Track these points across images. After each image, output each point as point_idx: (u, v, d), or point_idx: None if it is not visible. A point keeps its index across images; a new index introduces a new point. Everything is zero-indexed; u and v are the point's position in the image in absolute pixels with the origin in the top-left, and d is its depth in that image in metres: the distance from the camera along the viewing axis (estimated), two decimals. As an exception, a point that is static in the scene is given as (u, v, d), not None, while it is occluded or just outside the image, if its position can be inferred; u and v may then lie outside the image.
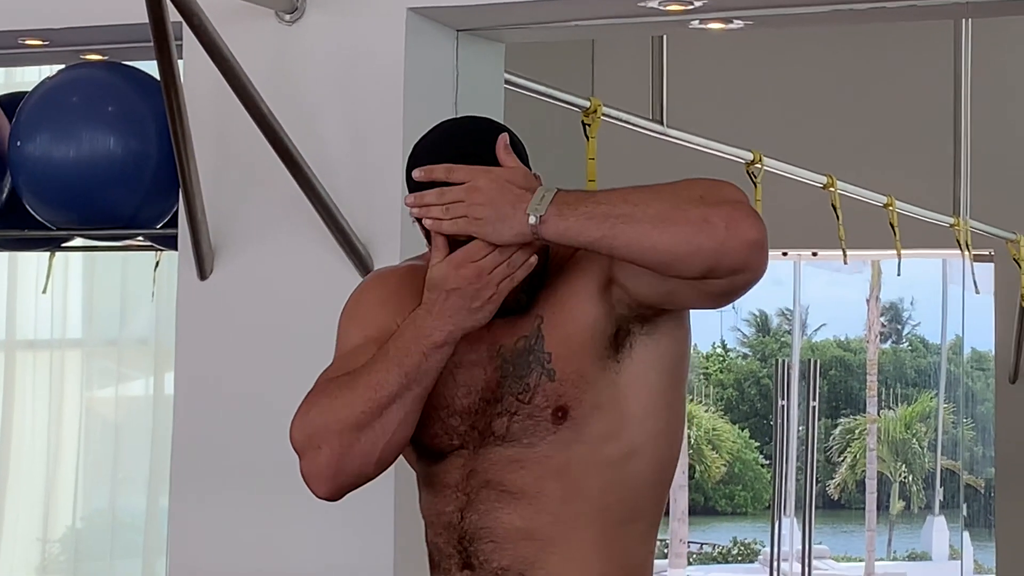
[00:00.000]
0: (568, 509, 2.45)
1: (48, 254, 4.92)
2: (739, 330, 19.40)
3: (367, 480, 2.49)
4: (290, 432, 2.52)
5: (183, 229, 3.70)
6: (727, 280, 2.34)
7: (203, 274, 3.73)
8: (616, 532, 2.48)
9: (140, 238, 4.23)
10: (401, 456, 2.53)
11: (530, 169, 2.48)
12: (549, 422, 2.43)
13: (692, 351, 2.63)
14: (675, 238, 2.30)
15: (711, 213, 2.30)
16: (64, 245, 4.59)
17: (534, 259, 2.38)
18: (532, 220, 2.31)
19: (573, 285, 2.45)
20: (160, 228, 4.03)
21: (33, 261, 7.42)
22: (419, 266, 2.59)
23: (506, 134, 2.42)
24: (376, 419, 2.42)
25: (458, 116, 2.62)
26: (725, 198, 2.34)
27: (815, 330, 16.56)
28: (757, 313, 19.07)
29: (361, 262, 3.59)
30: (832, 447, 17.00)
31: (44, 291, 6.72)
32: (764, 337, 18.95)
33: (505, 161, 2.39)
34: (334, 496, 2.51)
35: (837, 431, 17.00)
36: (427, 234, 2.45)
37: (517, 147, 2.49)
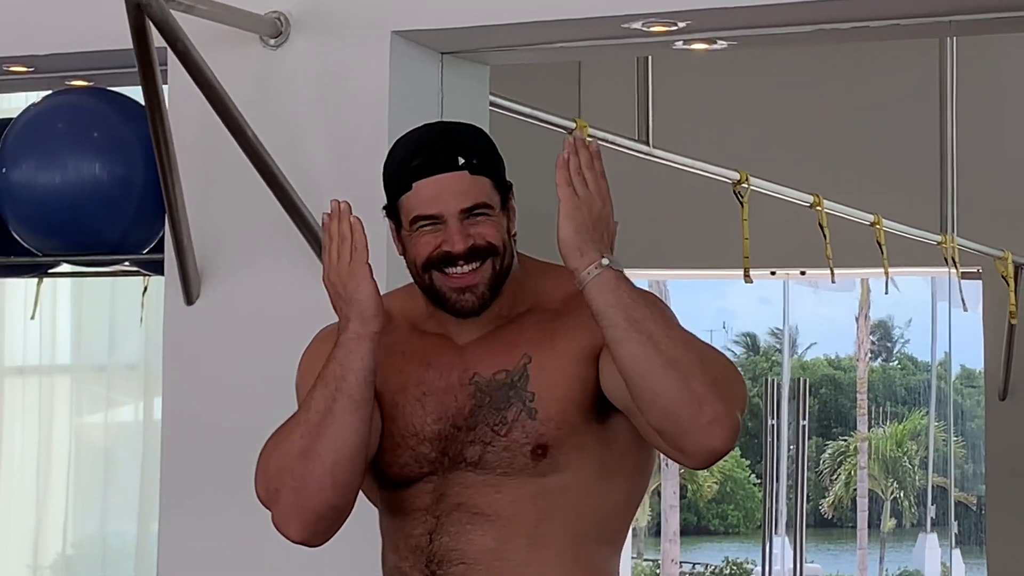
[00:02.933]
0: (542, 531, 2.46)
1: (36, 280, 4.91)
2: (729, 350, 19.41)
3: (335, 511, 2.48)
4: (255, 490, 2.53)
5: (169, 254, 3.70)
6: (667, 448, 2.39)
7: (190, 299, 3.73)
8: (588, 551, 2.49)
9: (127, 264, 4.23)
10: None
11: (506, 178, 2.50)
12: (527, 457, 2.45)
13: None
14: (668, 389, 2.33)
15: (709, 400, 2.33)
16: (51, 271, 4.58)
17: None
18: (604, 262, 2.36)
19: (567, 338, 2.45)
20: (146, 253, 4.03)
21: (21, 287, 7.41)
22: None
23: (574, 137, 2.44)
24: (316, 440, 2.44)
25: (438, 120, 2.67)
26: (730, 395, 2.38)
27: (805, 349, 16.56)
28: (747, 333, 19.09)
29: (348, 286, 3.59)
30: (823, 465, 17.00)
31: (32, 317, 6.71)
32: (754, 356, 18.96)
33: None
34: (308, 537, 2.51)
35: (828, 450, 17.00)
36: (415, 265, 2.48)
37: (493, 154, 2.51)
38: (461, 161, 2.46)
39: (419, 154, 2.47)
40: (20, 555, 7.94)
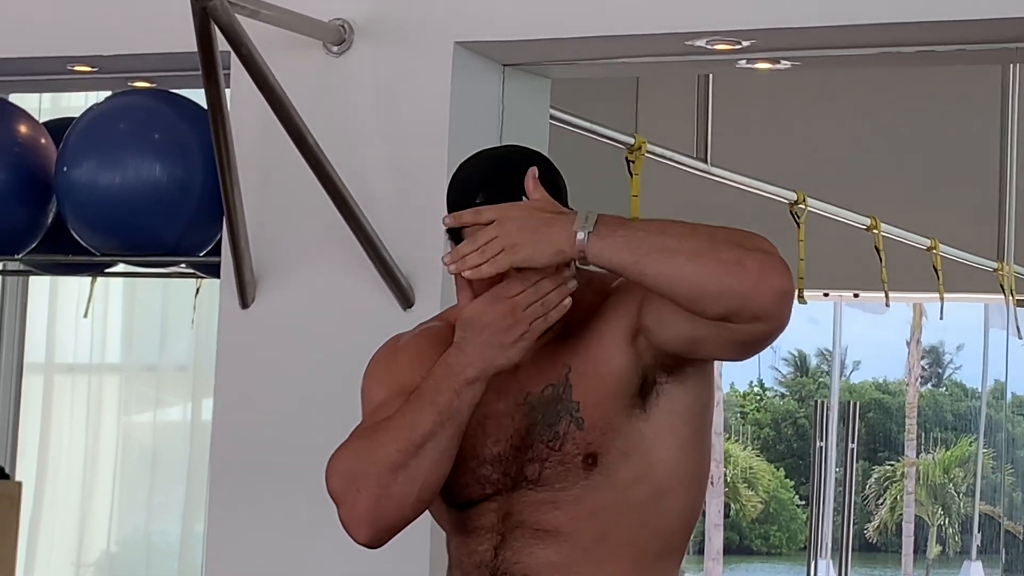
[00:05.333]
0: (601, 546, 2.46)
1: (89, 279, 4.94)
2: (777, 369, 19.34)
3: (405, 523, 2.50)
4: (326, 480, 2.54)
5: (226, 257, 3.71)
6: (748, 327, 2.36)
7: (245, 303, 3.73)
8: (646, 567, 2.50)
9: (183, 265, 4.24)
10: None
11: (567, 201, 2.49)
12: (580, 468, 2.45)
13: (729, 389, 2.65)
14: (706, 275, 2.32)
15: (745, 257, 2.33)
16: (107, 270, 4.60)
17: (568, 301, 2.39)
18: (580, 236, 2.32)
19: (601, 335, 2.46)
20: (203, 256, 4.04)
21: (74, 285, 7.45)
22: (435, 327, 2.63)
23: (535, 168, 2.42)
24: (412, 459, 2.43)
25: (498, 145, 2.64)
26: (760, 246, 2.37)
27: (851, 371, 16.50)
28: (795, 353, 19.01)
29: (403, 294, 3.59)
30: (869, 490, 16.91)
31: (85, 315, 6.74)
32: (802, 377, 18.88)
33: (532, 193, 2.41)
34: (374, 541, 2.51)
35: (875, 474, 16.92)
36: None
37: (554, 177, 2.50)
38: (524, 199, 2.44)
39: (484, 188, 2.47)
40: (65, 552, 7.98)
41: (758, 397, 19.13)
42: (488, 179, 2.48)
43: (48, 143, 4.22)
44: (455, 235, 2.50)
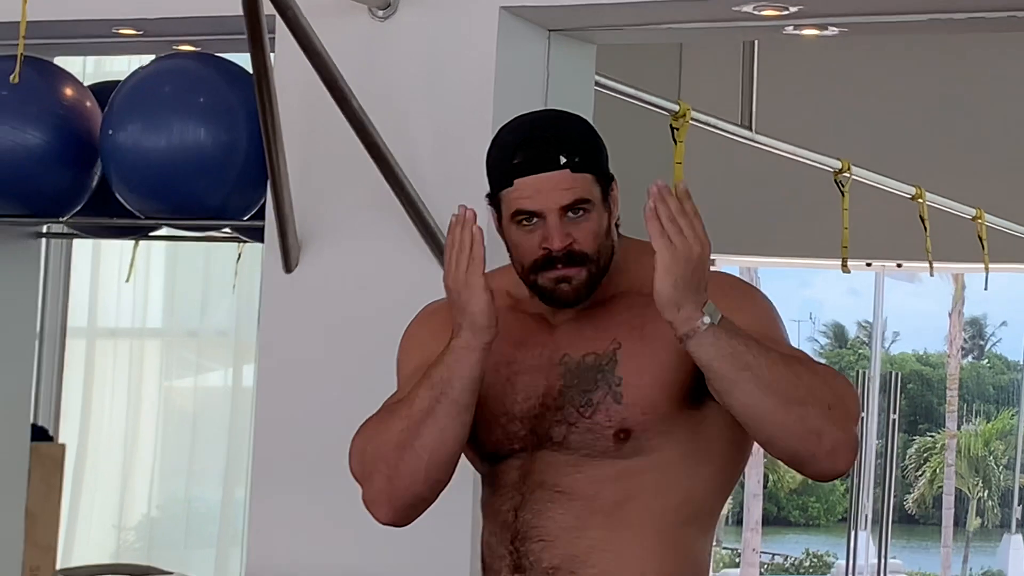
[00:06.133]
0: (623, 510, 2.46)
1: (131, 243, 4.95)
2: (816, 340, 19.28)
3: (422, 502, 2.53)
4: (349, 463, 2.58)
5: (270, 222, 3.71)
6: (793, 467, 2.44)
7: (288, 267, 3.74)
8: (672, 533, 2.48)
9: (227, 229, 4.25)
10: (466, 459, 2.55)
11: (609, 167, 2.48)
12: (611, 440, 2.45)
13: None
14: (785, 430, 2.36)
15: (827, 430, 2.36)
16: (150, 234, 4.62)
17: (479, 234, 2.43)
18: (706, 320, 2.33)
19: (660, 322, 2.41)
20: (247, 220, 4.05)
21: (116, 250, 7.48)
22: None
23: (685, 187, 2.40)
24: (415, 438, 2.47)
25: (537, 110, 2.64)
26: (847, 417, 2.39)
27: (891, 343, 16.43)
28: (835, 324, 18.94)
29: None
30: (909, 462, 16.86)
31: (127, 280, 6.77)
32: (841, 348, 18.82)
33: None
34: (396, 520, 2.55)
35: (915, 446, 16.86)
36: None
37: (595, 142, 2.50)
38: (563, 160, 2.44)
39: (522, 151, 2.46)
40: (106, 515, 8.03)
41: (797, 368, 19.06)
42: (526, 141, 2.47)
43: (93, 106, 4.23)
44: (497, 206, 2.50)
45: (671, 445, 2.46)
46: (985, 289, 6.25)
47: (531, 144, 2.46)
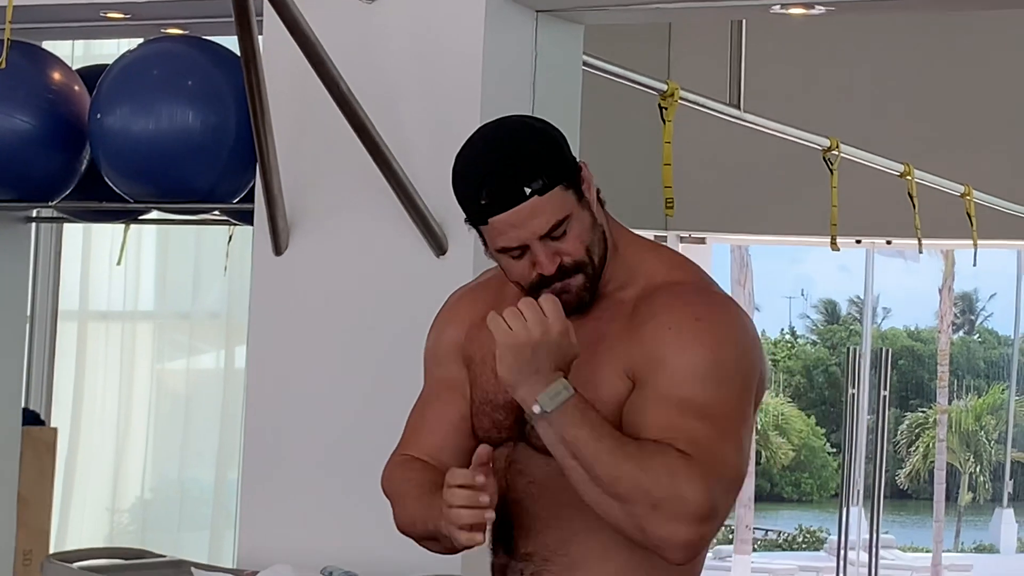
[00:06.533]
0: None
1: (122, 226, 4.95)
2: (808, 317, 19.30)
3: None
4: (381, 481, 2.67)
5: (259, 204, 3.72)
6: None
7: (278, 249, 3.74)
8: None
9: (216, 212, 4.25)
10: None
11: (574, 156, 2.46)
12: None
13: (761, 337, 2.62)
14: (609, 519, 2.36)
15: (649, 529, 2.33)
16: (140, 217, 4.62)
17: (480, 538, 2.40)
18: (535, 409, 2.33)
19: (611, 346, 2.43)
20: (236, 203, 4.05)
21: (107, 233, 7.47)
22: (488, 281, 2.63)
23: (553, 299, 2.37)
24: (413, 535, 2.57)
25: (499, 120, 2.56)
26: (679, 517, 2.32)
27: (882, 319, 16.46)
28: (826, 300, 18.96)
29: (436, 241, 3.59)
30: (901, 437, 16.90)
31: (119, 263, 6.76)
32: (833, 325, 18.84)
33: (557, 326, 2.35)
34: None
35: (906, 421, 16.90)
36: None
37: (556, 157, 2.44)
38: (528, 191, 2.40)
39: (486, 189, 2.42)
40: (100, 498, 8.03)
41: (789, 345, 19.11)
42: (488, 178, 2.42)
43: (81, 90, 4.23)
44: (475, 229, 2.48)
45: None
46: (974, 265, 6.27)
47: (493, 180, 2.41)
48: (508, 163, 2.42)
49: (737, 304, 2.52)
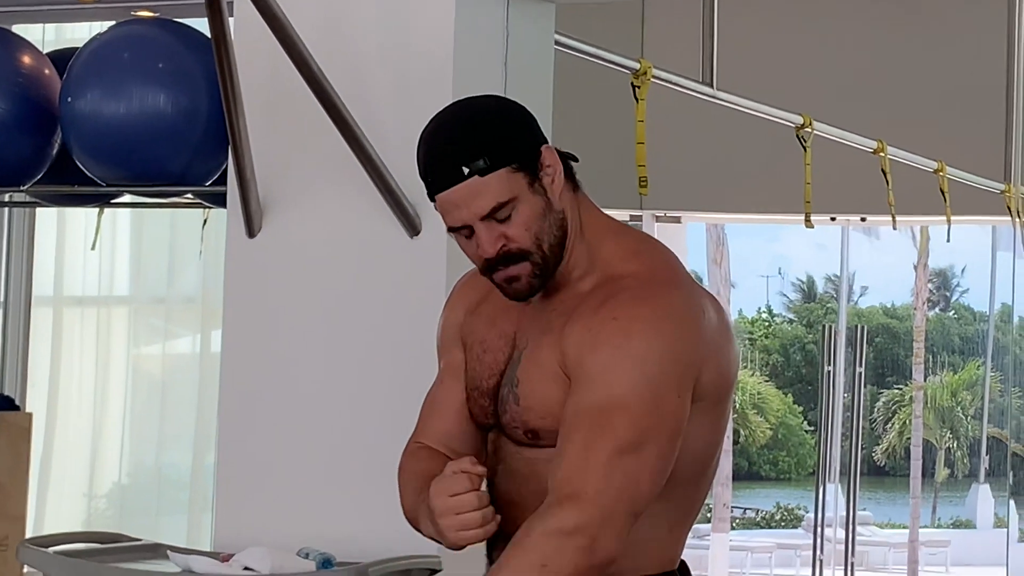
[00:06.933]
0: None
1: (96, 210, 4.94)
2: (785, 295, 19.34)
3: None
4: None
5: (232, 187, 3.71)
6: None
7: (252, 232, 3.74)
8: None
9: (189, 195, 4.25)
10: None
11: (537, 139, 2.43)
12: (523, 436, 2.46)
13: (738, 316, 2.62)
14: None
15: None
16: (113, 201, 4.61)
17: (479, 535, 2.41)
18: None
19: (556, 336, 2.42)
20: (209, 185, 4.05)
21: (81, 218, 7.45)
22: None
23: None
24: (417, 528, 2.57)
25: (460, 101, 2.54)
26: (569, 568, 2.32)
27: (859, 296, 16.50)
28: (803, 278, 19.00)
29: (409, 222, 3.59)
30: (877, 414, 16.96)
31: (93, 248, 6.74)
32: (810, 303, 18.88)
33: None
34: None
35: (882, 398, 16.96)
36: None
37: (503, 139, 2.42)
38: (466, 171, 2.39)
39: (428, 168, 2.43)
40: (77, 483, 8.02)
41: (766, 323, 19.13)
42: (430, 156, 2.43)
43: (52, 74, 4.21)
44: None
45: None
46: (948, 241, 6.29)
47: (433, 159, 2.42)
48: (450, 142, 2.41)
49: (689, 296, 2.44)
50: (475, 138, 2.41)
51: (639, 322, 2.36)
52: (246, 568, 3.38)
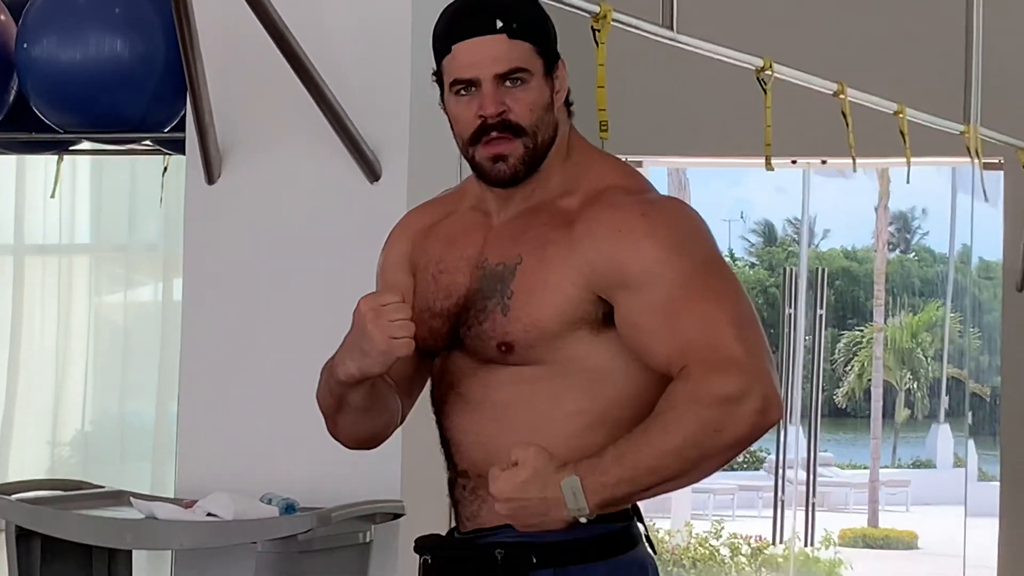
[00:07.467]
0: (512, 415, 2.44)
1: (56, 158, 4.91)
2: (746, 239, 19.39)
3: (378, 439, 2.58)
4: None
5: (190, 132, 3.69)
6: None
7: (211, 178, 3.73)
8: (573, 441, 2.42)
9: (148, 142, 4.23)
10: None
11: (555, 48, 2.46)
12: (495, 350, 2.44)
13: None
14: (703, 477, 2.38)
15: (724, 453, 2.33)
16: (72, 148, 4.58)
17: (409, 347, 2.38)
18: (583, 521, 2.33)
19: (562, 248, 2.41)
20: (168, 132, 4.03)
21: (41, 166, 7.41)
22: (441, 198, 2.61)
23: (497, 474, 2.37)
24: (336, 418, 2.52)
25: None
26: (726, 432, 2.31)
27: (820, 239, 16.56)
28: (764, 222, 19.05)
29: (369, 167, 3.59)
30: (838, 356, 17.05)
31: (52, 196, 6.71)
32: (771, 247, 18.94)
33: (501, 493, 2.35)
34: (360, 449, 2.61)
35: (843, 340, 17.04)
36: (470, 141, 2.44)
37: (538, 19, 2.45)
38: (499, 24, 2.41)
39: (460, 16, 2.44)
40: (40, 432, 8.01)
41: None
42: (465, 5, 2.44)
43: (8, 20, 4.18)
44: (440, 80, 2.48)
45: (563, 360, 2.43)
46: (908, 183, 6.30)
47: (469, 7, 2.43)
48: (483, 14, 2.43)
49: (684, 202, 2.53)
50: (517, 4, 2.45)
51: (671, 212, 2.45)
52: (209, 514, 3.39)
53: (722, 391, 2.30)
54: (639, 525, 2.49)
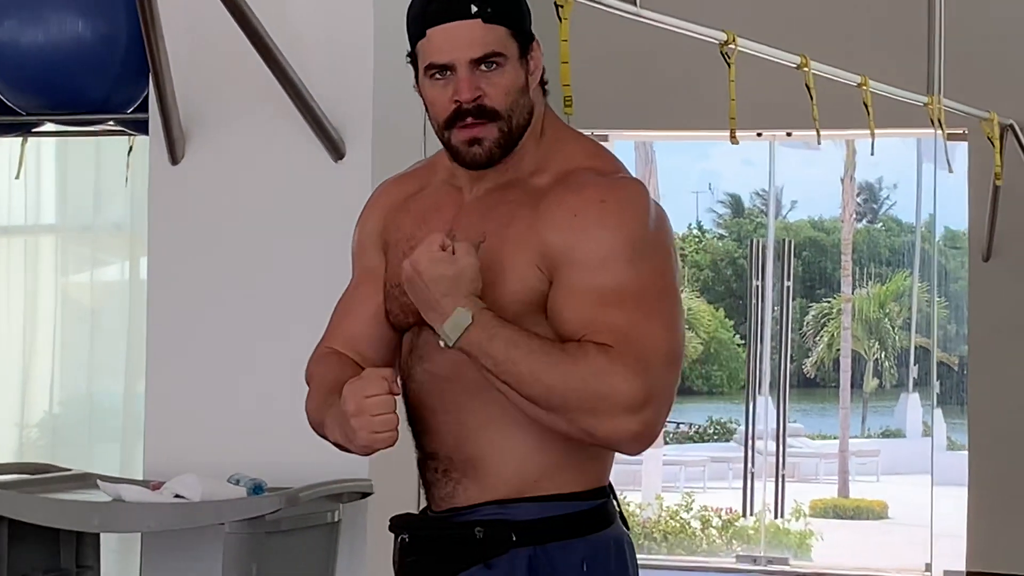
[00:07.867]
0: (482, 387, 2.43)
1: (20, 140, 4.89)
2: (714, 211, 19.41)
3: None
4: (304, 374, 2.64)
5: (154, 113, 3.69)
6: None
7: (174, 159, 3.72)
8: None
9: (111, 123, 4.21)
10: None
11: (529, 29, 2.46)
12: None
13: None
14: (556, 427, 2.36)
15: (597, 428, 2.33)
16: (36, 130, 4.56)
17: (392, 440, 2.37)
18: (440, 344, 2.35)
19: (524, 228, 2.42)
20: (131, 113, 4.01)
21: (5, 147, 7.38)
22: (416, 169, 2.61)
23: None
24: (323, 430, 2.51)
25: None
26: (616, 410, 2.32)
27: (788, 210, 16.59)
28: (731, 194, 19.08)
29: (333, 146, 3.58)
30: (807, 327, 17.09)
31: (17, 177, 6.69)
32: (739, 218, 18.97)
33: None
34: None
35: (812, 311, 17.09)
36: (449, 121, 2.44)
37: (513, 1, 2.44)
38: (474, 9, 2.41)
39: (435, 0, 2.44)
40: (7, 413, 7.99)
41: (697, 239, 19.23)
42: (432, 8, 2.43)
43: (-32, 2, 4.15)
44: (414, 62, 2.48)
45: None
46: (872, 154, 6.32)
47: (434, 13, 2.43)
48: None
49: (647, 189, 2.51)
50: None
51: (628, 204, 2.43)
52: (177, 496, 3.39)
53: (627, 391, 2.32)
54: (613, 502, 2.51)
